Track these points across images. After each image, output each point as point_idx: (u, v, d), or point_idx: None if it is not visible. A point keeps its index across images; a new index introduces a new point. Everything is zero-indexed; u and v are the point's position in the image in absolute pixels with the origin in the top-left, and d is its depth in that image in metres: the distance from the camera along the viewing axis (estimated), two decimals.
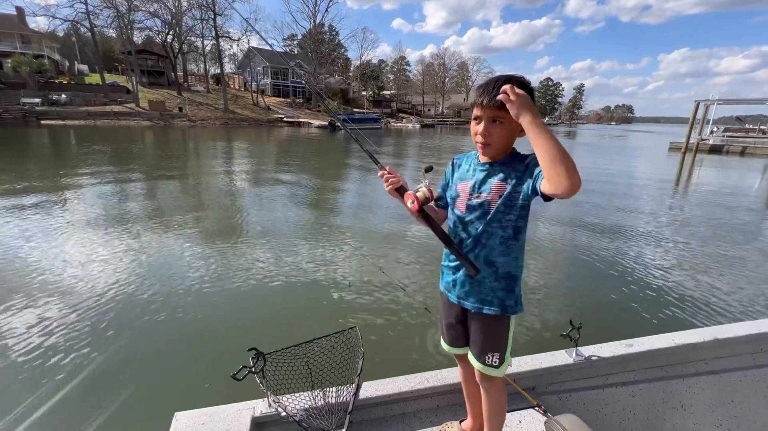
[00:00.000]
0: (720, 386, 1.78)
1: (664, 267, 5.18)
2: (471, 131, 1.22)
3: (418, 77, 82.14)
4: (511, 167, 1.18)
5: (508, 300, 1.23)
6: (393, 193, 1.27)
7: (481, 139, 1.17)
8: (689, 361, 1.77)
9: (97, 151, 16.44)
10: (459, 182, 1.29)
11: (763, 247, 6.40)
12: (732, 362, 1.83)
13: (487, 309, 1.23)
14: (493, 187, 1.18)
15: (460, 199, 1.26)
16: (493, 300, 1.22)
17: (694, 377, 1.77)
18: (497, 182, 1.18)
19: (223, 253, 5.17)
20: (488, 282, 1.22)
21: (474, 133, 1.20)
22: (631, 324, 3.78)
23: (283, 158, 17.79)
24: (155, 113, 35.97)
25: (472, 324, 1.29)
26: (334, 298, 4.01)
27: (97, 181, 9.95)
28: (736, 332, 1.82)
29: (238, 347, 1.37)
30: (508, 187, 1.16)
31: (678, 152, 25.56)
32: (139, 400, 2.59)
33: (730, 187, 13.06)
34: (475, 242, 1.22)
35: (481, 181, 1.22)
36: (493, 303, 1.23)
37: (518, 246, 1.23)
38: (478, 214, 1.21)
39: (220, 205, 8.10)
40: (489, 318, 1.25)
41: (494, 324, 1.26)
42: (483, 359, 1.27)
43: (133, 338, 3.26)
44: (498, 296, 1.22)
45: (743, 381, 1.80)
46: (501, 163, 1.20)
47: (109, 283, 4.15)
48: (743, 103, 27.91)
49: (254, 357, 1.30)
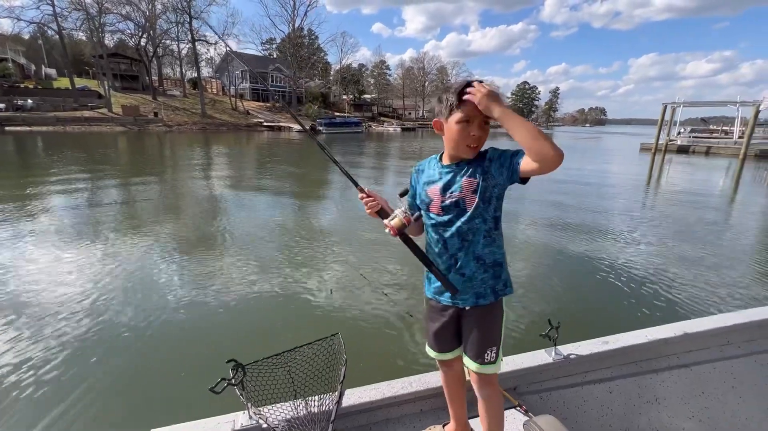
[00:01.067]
0: (691, 378, 1.85)
1: (636, 265, 5.35)
2: (451, 132, 1.18)
3: (398, 81, 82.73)
4: (473, 164, 1.21)
5: (497, 285, 1.26)
6: (374, 215, 1.30)
7: (475, 143, 1.17)
8: (662, 356, 1.84)
9: (65, 158, 15.82)
10: (427, 187, 1.29)
11: (729, 244, 6.72)
12: (702, 355, 1.91)
13: (482, 300, 1.25)
14: (464, 183, 1.20)
15: (433, 203, 1.26)
16: (486, 290, 1.24)
17: (666, 371, 1.83)
18: (466, 179, 1.20)
19: (200, 263, 5.04)
20: (479, 275, 1.23)
21: (464, 137, 1.16)
22: (606, 321, 3.89)
23: (262, 164, 17.56)
24: (129, 118, 34.90)
25: (467, 322, 1.29)
26: (316, 305, 3.97)
27: (63, 188, 9.56)
28: (705, 326, 1.89)
29: (218, 359, 1.34)
30: (479, 181, 1.18)
31: (648, 152, 26.60)
32: (113, 416, 2.49)
33: (698, 186, 13.67)
34: (461, 241, 1.22)
35: (450, 181, 1.23)
36: (486, 294, 1.24)
37: (499, 234, 1.26)
38: (455, 213, 1.22)
39: (195, 214, 7.91)
40: (484, 309, 1.26)
41: (490, 313, 1.27)
42: (482, 357, 1.27)
43: (107, 352, 3.13)
44: (489, 285, 1.24)
45: (712, 373, 1.88)
46: (466, 162, 1.22)
47: (80, 297, 3.98)
48: (706, 105, 29.38)
49: (233, 369, 1.27)
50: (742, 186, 14.06)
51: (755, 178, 16.39)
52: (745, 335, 1.98)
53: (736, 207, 10.54)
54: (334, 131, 42.82)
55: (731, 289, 4.67)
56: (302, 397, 1.41)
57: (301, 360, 1.55)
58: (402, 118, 73.87)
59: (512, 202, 8.44)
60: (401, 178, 13.88)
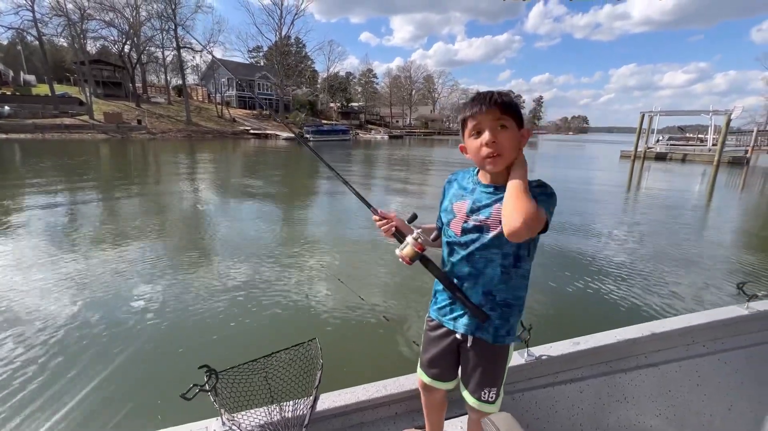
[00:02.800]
0: (658, 377, 1.91)
1: (608, 267, 5.49)
2: (470, 150, 1.08)
3: (385, 89, 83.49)
4: None
5: (501, 329, 1.15)
6: (390, 238, 1.22)
7: (488, 150, 1.03)
8: (630, 355, 1.89)
9: (42, 166, 15.42)
10: (455, 200, 1.16)
11: (699, 247, 6.95)
12: (669, 354, 1.97)
13: (483, 334, 1.16)
14: (494, 210, 1.07)
15: (455, 220, 1.14)
16: (488, 327, 1.15)
17: (635, 370, 1.88)
18: (500, 206, 1.05)
19: (177, 270, 4.97)
20: (485, 310, 1.14)
21: (476, 149, 1.06)
22: (578, 322, 4.00)
23: (247, 171, 17.43)
24: (111, 126, 34.27)
25: (467, 355, 1.21)
26: (294, 311, 3.97)
27: (37, 196, 9.31)
28: (671, 326, 1.96)
29: (194, 365, 1.34)
30: None
31: (628, 159, 27.40)
32: (80, 423, 2.43)
33: (675, 192, 14.11)
34: (471, 268, 1.13)
35: (481, 202, 1.10)
36: (486, 330, 1.15)
37: (519, 275, 1.13)
38: (473, 238, 1.10)
39: (173, 221, 7.80)
40: (489, 348, 1.17)
41: (494, 354, 1.18)
42: (479, 394, 1.20)
43: (76, 359, 3.06)
44: (493, 324, 1.15)
45: (678, 372, 1.94)
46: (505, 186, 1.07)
47: (51, 304, 3.88)
48: (682, 114, 30.54)
49: (207, 374, 1.27)
50: (716, 191, 14.58)
51: (728, 183, 17.02)
52: (709, 334, 2.05)
53: (710, 212, 10.91)
54: (322, 139, 42.81)
55: (699, 290, 4.84)
56: (277, 403, 1.41)
57: (278, 366, 1.55)
58: (389, 126, 74.44)
59: None
60: (391, 182, 13.97)
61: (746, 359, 2.03)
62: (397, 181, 14.91)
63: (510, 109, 1.05)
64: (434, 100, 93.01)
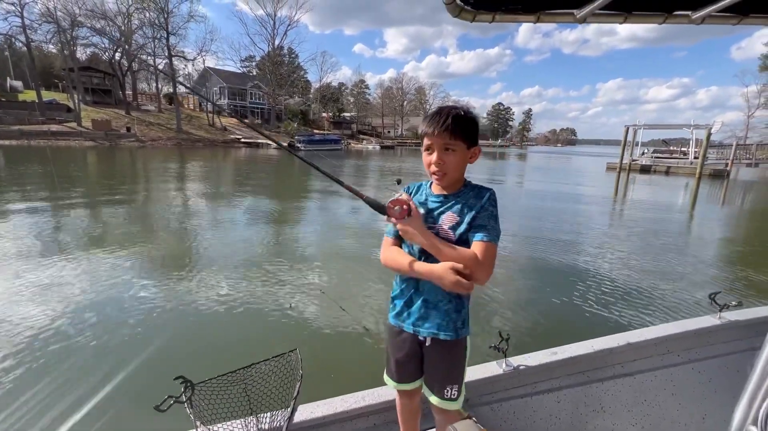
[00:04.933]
0: (634, 387, 1.95)
1: (586, 277, 5.58)
2: (424, 162, 1.21)
3: (377, 100, 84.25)
4: (464, 199, 1.19)
5: (458, 321, 1.22)
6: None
7: (435, 168, 1.17)
8: (607, 365, 1.93)
9: (25, 172, 15.13)
10: None
11: (677, 259, 7.07)
12: (644, 364, 2.01)
13: (444, 334, 1.20)
14: (445, 218, 1.18)
15: None
16: (448, 323, 1.20)
17: (611, 380, 1.92)
18: (450, 214, 1.18)
19: (157, 280, 4.92)
20: (443, 305, 1.20)
21: (428, 164, 1.19)
22: (555, 333, 4.03)
23: (234, 180, 17.34)
24: (100, 133, 33.86)
25: (428, 356, 1.26)
26: (276, 322, 3.95)
27: (17, 197, 9.13)
28: (646, 336, 2.00)
29: (170, 377, 1.34)
30: (462, 219, 1.15)
31: (614, 171, 27.96)
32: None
33: (658, 205, 14.43)
34: None
35: (434, 211, 1.21)
36: (448, 327, 1.20)
37: None
38: None
39: (155, 231, 7.72)
40: (446, 345, 1.22)
41: (452, 351, 1.24)
42: (442, 393, 1.25)
43: (46, 368, 3.00)
44: (452, 319, 1.20)
45: (653, 381, 1.98)
46: (455, 194, 1.21)
47: (31, 312, 3.80)
48: (664, 128, 31.41)
49: (182, 385, 1.27)
50: (698, 204, 14.94)
51: (710, 196, 17.46)
52: (683, 344, 2.10)
53: (690, 225, 11.17)
54: (313, 148, 42.86)
55: (674, 300, 4.93)
56: (254, 414, 1.41)
57: (257, 377, 1.55)
58: (381, 136, 74.93)
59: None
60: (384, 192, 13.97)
61: (719, 368, 2.09)
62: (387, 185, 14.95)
63: (458, 134, 1.14)
64: (426, 111, 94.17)
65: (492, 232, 1.13)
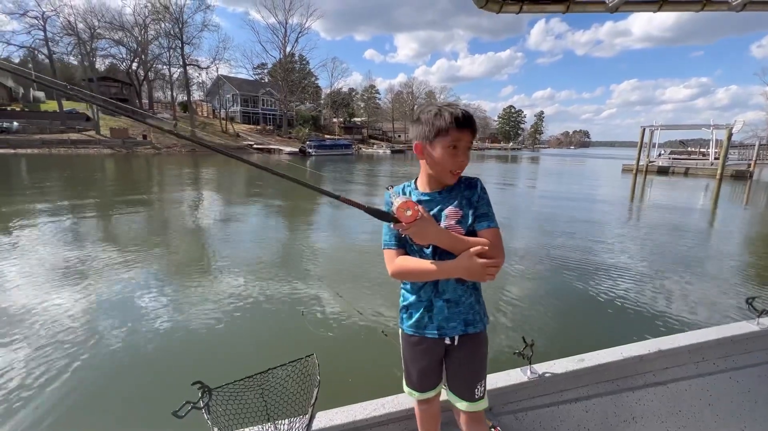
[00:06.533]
0: (667, 396, 1.85)
1: (611, 282, 5.39)
2: (439, 159, 1.11)
3: (388, 104, 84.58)
4: (457, 192, 1.16)
5: (481, 311, 1.21)
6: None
7: (460, 169, 1.14)
8: (637, 373, 1.83)
9: (43, 179, 15.58)
10: None
11: (705, 262, 6.85)
12: (677, 372, 1.91)
13: (472, 328, 1.18)
14: (448, 213, 1.15)
15: None
16: (474, 316, 1.19)
17: (642, 389, 1.82)
18: (451, 209, 1.15)
19: (174, 286, 4.95)
20: (465, 299, 1.18)
21: (448, 161, 1.11)
22: (582, 339, 3.89)
23: (248, 185, 17.53)
24: (117, 141, 34.79)
25: (455, 356, 1.21)
26: (292, 326, 3.92)
27: (36, 207, 9.37)
28: (679, 342, 1.90)
29: (187, 382, 1.31)
30: (466, 212, 1.14)
31: (630, 173, 27.37)
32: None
33: (677, 208, 14.03)
34: None
35: (432, 211, 1.17)
36: (475, 320, 1.19)
37: None
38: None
39: (173, 237, 7.81)
40: (476, 340, 1.20)
41: (480, 344, 1.21)
42: (473, 393, 1.20)
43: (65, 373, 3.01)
44: (476, 310, 1.19)
45: (688, 391, 1.88)
46: (448, 189, 1.17)
47: (48, 319, 3.85)
48: (682, 128, 30.62)
49: (200, 390, 1.24)
50: (720, 206, 14.49)
51: (732, 197, 16.92)
52: (719, 351, 1.99)
53: (714, 227, 10.82)
54: (324, 153, 43.21)
55: (707, 305, 4.74)
56: (272, 421, 1.37)
57: (274, 382, 1.51)
58: (392, 140, 75.10)
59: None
60: None
61: (758, 377, 1.97)
62: None
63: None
64: None
65: (493, 218, 1.16)
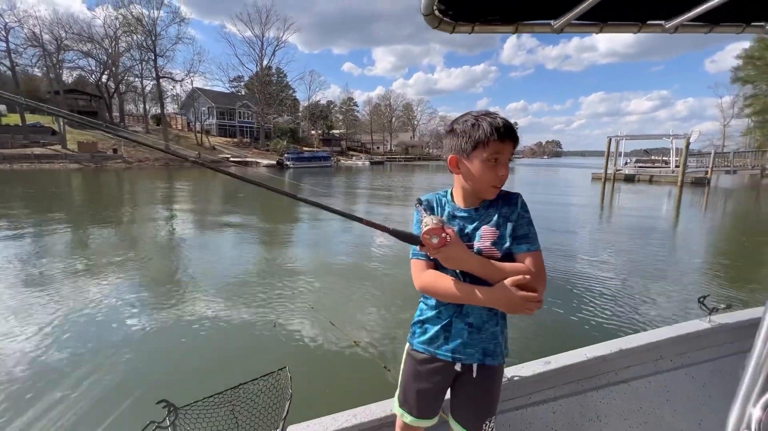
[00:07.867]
0: (629, 394, 1.92)
1: (576, 284, 5.58)
2: (478, 173, 1.02)
3: (366, 117, 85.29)
4: (497, 209, 1.06)
5: (503, 344, 1.11)
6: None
7: (501, 183, 1.03)
8: (601, 373, 1.91)
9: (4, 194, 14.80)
10: None
11: (666, 264, 7.15)
12: (638, 370, 2.00)
13: (490, 359, 1.07)
14: (484, 233, 1.04)
15: None
16: (495, 347, 1.07)
17: (606, 388, 1.89)
18: (487, 228, 1.04)
19: (138, 301, 4.80)
20: (489, 327, 1.06)
21: (488, 176, 1.01)
22: (548, 341, 4.00)
23: (223, 199, 17.21)
24: (85, 155, 33.50)
25: (467, 386, 1.11)
26: (265, 339, 3.87)
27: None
28: (638, 341, 1.99)
29: (152, 401, 1.29)
30: (503, 233, 1.03)
31: (599, 181, 28.52)
32: None
33: (644, 212, 14.70)
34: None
35: (465, 228, 1.07)
36: (495, 352, 1.07)
37: None
38: None
39: (137, 251, 7.56)
40: (492, 373, 1.10)
41: (495, 379, 1.11)
42: (480, 428, 1.10)
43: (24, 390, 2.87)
44: (498, 341, 1.08)
45: (648, 388, 1.96)
46: (486, 206, 1.07)
47: (14, 336, 3.64)
48: (645, 138, 32.23)
49: (165, 409, 1.21)
50: (682, 211, 15.26)
51: (693, 203, 17.88)
52: (675, 349, 2.09)
53: (676, 230, 11.37)
54: (302, 165, 42.91)
55: (664, 305, 4.97)
56: None
57: (245, 398, 1.49)
58: (370, 152, 75.56)
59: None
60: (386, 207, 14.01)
61: (711, 372, 2.08)
62: (377, 200, 14.92)
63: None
64: (414, 126, 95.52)
65: (535, 240, 1.04)
